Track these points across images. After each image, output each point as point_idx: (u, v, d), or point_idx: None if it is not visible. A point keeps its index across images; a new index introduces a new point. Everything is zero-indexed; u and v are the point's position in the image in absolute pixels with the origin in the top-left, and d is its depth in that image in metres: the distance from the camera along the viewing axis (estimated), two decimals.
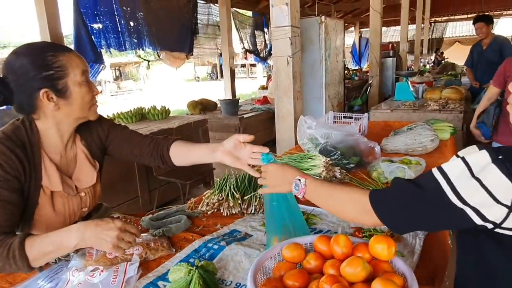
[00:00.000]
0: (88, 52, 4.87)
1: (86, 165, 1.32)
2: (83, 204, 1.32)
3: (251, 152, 1.26)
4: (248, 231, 1.44)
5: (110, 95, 19.01)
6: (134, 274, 1.13)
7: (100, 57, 5.05)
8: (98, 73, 5.04)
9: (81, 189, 1.30)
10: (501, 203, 0.72)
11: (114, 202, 3.23)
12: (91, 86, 1.22)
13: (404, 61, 9.69)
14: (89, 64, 4.85)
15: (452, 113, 3.84)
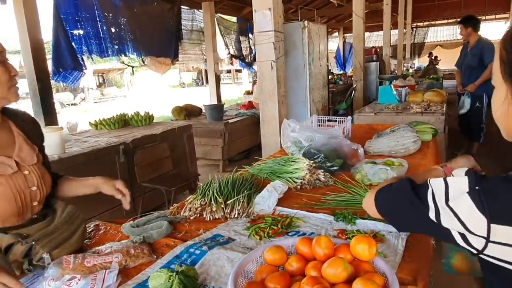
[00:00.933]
0: (67, 59, 4.79)
1: (25, 146, 1.32)
2: (30, 183, 1.27)
3: None
4: (231, 235, 1.42)
5: (94, 102, 18.76)
6: (113, 282, 1.10)
7: (79, 64, 4.96)
8: (77, 80, 4.95)
9: (24, 167, 1.28)
10: (475, 234, 0.71)
11: (97, 211, 3.17)
12: (7, 66, 1.22)
13: (387, 65, 9.85)
14: (67, 71, 4.78)
15: (434, 115, 3.90)
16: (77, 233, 1.32)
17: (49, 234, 1.24)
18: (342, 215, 1.51)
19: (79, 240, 1.33)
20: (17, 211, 1.23)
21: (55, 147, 2.86)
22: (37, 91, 4.06)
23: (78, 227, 1.34)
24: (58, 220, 1.31)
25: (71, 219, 1.34)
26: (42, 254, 1.18)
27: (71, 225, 1.32)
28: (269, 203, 1.63)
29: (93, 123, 4.28)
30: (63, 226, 1.29)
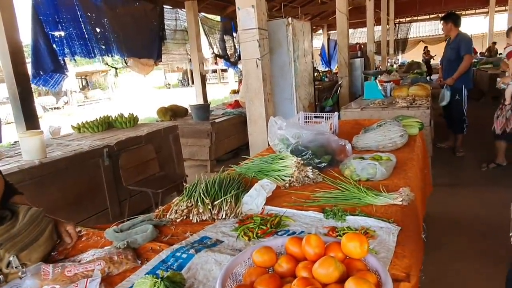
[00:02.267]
0: (47, 61, 4.67)
1: None
2: None
3: None
4: (219, 237, 1.38)
5: (77, 105, 18.44)
6: None
7: (60, 66, 4.84)
8: (59, 83, 4.83)
9: None
10: None
11: (82, 216, 3.09)
12: None
13: (371, 61, 9.92)
14: (48, 74, 4.66)
15: (419, 109, 3.92)
16: (45, 234, 1.29)
17: (13, 237, 1.19)
18: (332, 212, 1.48)
19: (48, 241, 1.30)
20: None
21: (35, 152, 2.77)
22: (17, 95, 3.94)
23: (45, 228, 1.31)
24: (22, 223, 1.26)
25: (36, 220, 1.29)
26: (9, 258, 1.14)
27: (37, 226, 1.28)
28: (257, 203, 1.59)
29: (75, 126, 4.18)
30: (27, 228, 1.25)
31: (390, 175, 1.91)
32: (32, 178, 2.69)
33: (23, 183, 2.61)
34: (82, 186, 3.11)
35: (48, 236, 1.30)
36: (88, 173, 3.17)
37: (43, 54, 4.69)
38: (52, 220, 1.37)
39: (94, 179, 3.23)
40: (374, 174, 1.86)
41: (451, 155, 5.19)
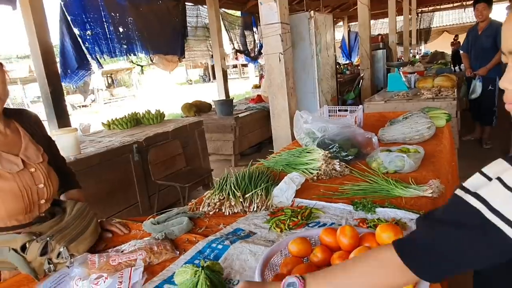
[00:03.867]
0: (72, 60, 4.82)
1: (31, 145, 1.37)
2: (37, 180, 1.31)
3: None
4: (252, 229, 1.42)
5: (104, 103, 18.89)
6: (139, 279, 1.12)
7: (84, 64, 4.99)
8: (81, 79, 4.99)
9: (31, 165, 1.32)
10: None
11: (115, 209, 3.21)
12: None
13: (394, 53, 9.74)
14: (74, 72, 4.81)
15: (445, 100, 3.85)
16: (90, 227, 1.36)
17: (62, 230, 1.28)
18: (361, 204, 1.50)
19: (94, 234, 1.37)
20: (24, 208, 1.26)
21: (70, 148, 2.89)
22: (49, 94, 4.09)
23: (90, 221, 1.38)
24: (69, 217, 1.35)
25: (82, 214, 1.38)
26: (59, 249, 1.21)
27: (83, 220, 1.36)
28: (287, 195, 1.63)
29: (105, 124, 4.32)
30: (74, 222, 1.33)
31: (418, 167, 1.90)
32: None
33: None
34: (114, 181, 3.23)
35: (93, 229, 1.38)
36: (119, 168, 3.29)
37: (68, 53, 4.85)
38: (95, 214, 1.45)
39: (124, 174, 3.34)
40: (402, 167, 1.86)
41: (477, 147, 5.07)
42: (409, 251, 0.71)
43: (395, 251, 0.71)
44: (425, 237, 0.71)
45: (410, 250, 0.71)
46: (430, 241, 0.69)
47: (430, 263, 0.69)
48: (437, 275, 0.70)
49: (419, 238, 0.72)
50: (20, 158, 1.30)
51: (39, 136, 1.45)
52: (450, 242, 0.66)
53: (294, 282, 0.76)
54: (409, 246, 0.72)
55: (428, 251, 0.69)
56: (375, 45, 8.91)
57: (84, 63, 5.02)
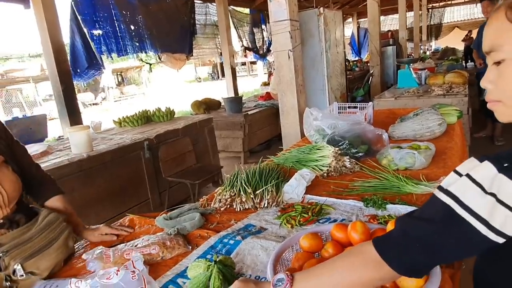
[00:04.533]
0: (82, 59, 4.88)
1: None
2: None
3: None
4: (263, 225, 1.44)
5: (114, 101, 19.06)
6: (144, 268, 1.14)
7: (94, 63, 5.04)
8: (91, 78, 5.07)
9: None
10: None
11: (126, 206, 3.25)
12: None
13: (404, 49, 9.65)
14: (83, 71, 4.87)
15: (456, 97, 3.81)
16: (58, 241, 1.26)
17: (24, 243, 1.18)
18: (371, 200, 1.51)
19: (61, 249, 1.27)
20: None
21: (83, 146, 2.93)
22: (61, 92, 4.16)
23: (59, 235, 1.28)
24: (37, 227, 1.24)
25: (51, 226, 1.27)
26: (14, 266, 1.12)
27: (51, 233, 1.26)
28: (297, 192, 1.65)
29: (117, 121, 4.37)
30: (40, 234, 1.23)
31: (429, 164, 1.90)
32: (81, 170, 2.87)
33: (73, 175, 2.80)
34: (125, 177, 3.27)
35: (61, 243, 1.27)
36: (131, 165, 3.33)
37: (80, 52, 4.90)
38: (69, 227, 1.34)
39: (136, 171, 3.38)
40: (413, 164, 1.86)
41: (489, 144, 5.01)
42: (385, 245, 0.75)
43: (373, 246, 0.76)
44: (401, 232, 0.75)
45: (385, 244, 0.76)
46: (405, 236, 0.73)
47: (403, 256, 0.73)
48: (411, 269, 0.74)
49: (395, 233, 0.76)
50: None
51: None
52: (423, 237, 0.70)
53: (283, 278, 0.81)
54: (386, 241, 0.77)
55: (402, 245, 0.73)
56: (385, 42, 8.84)
57: (94, 62, 5.08)
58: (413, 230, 0.72)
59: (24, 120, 3.62)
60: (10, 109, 14.13)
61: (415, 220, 0.73)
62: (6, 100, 15.07)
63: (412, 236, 0.72)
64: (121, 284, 1.06)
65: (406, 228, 0.74)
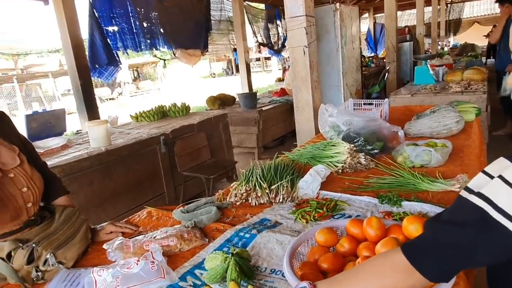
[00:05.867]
0: (102, 55, 4.96)
1: (4, 149, 1.26)
2: (19, 185, 1.24)
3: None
4: (278, 219, 1.46)
5: (130, 96, 19.29)
6: (162, 259, 1.18)
7: (114, 60, 5.12)
8: (112, 75, 5.13)
9: (8, 170, 1.24)
10: None
11: (142, 199, 3.31)
12: None
13: (421, 45, 9.50)
14: (102, 67, 4.95)
15: (475, 94, 3.76)
16: (80, 233, 1.32)
17: (49, 236, 1.23)
18: (386, 197, 1.51)
19: (83, 240, 1.33)
20: (11, 216, 1.20)
21: (101, 140, 3.00)
22: (79, 87, 4.25)
23: (79, 227, 1.34)
24: (57, 223, 1.30)
25: (70, 220, 1.33)
26: (46, 256, 1.17)
27: (71, 226, 1.32)
28: (312, 187, 1.66)
29: (133, 116, 4.44)
30: (63, 227, 1.29)
31: (445, 162, 1.88)
32: (100, 164, 2.93)
33: (92, 168, 2.86)
34: (142, 171, 3.33)
35: (83, 235, 1.34)
36: (147, 159, 3.38)
37: (98, 49, 4.98)
38: (86, 221, 1.40)
39: (152, 165, 3.44)
40: (429, 161, 1.85)
41: (508, 142, 4.92)
42: (416, 252, 0.72)
43: (402, 252, 0.73)
44: (430, 238, 0.72)
45: (416, 251, 0.73)
46: (435, 242, 0.70)
47: (435, 263, 0.70)
48: (443, 275, 0.71)
49: (425, 239, 0.74)
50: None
51: (12, 136, 1.36)
52: (454, 242, 0.67)
53: (305, 286, 0.78)
54: (416, 247, 0.74)
55: (434, 252, 0.70)
56: (401, 37, 8.72)
57: (112, 58, 5.16)
58: (445, 236, 0.69)
59: (43, 114, 3.69)
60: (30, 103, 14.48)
61: (446, 224, 0.71)
62: (26, 94, 15.42)
63: (444, 242, 0.69)
64: (141, 274, 1.09)
65: (436, 234, 0.71)
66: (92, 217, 2.83)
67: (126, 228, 1.49)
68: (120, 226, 1.49)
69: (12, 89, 14.77)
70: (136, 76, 23.38)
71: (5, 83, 15.12)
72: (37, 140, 3.20)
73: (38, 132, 3.45)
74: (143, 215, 1.64)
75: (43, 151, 2.94)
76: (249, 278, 1.06)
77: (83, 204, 2.80)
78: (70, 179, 2.69)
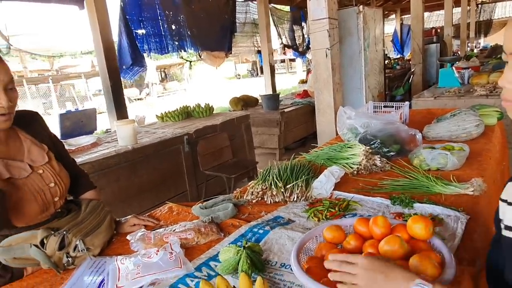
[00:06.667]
0: (126, 57, 5.16)
1: (34, 147, 1.38)
2: (47, 180, 1.34)
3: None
4: (291, 217, 1.52)
5: (157, 96, 19.78)
6: (180, 250, 1.26)
7: (139, 60, 5.31)
8: (136, 74, 5.33)
9: (38, 167, 1.35)
10: None
11: (166, 196, 3.43)
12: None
13: (449, 47, 9.30)
14: (128, 68, 5.15)
15: (500, 97, 3.67)
16: (105, 223, 1.42)
17: (78, 224, 1.33)
18: (399, 199, 1.54)
19: (108, 229, 1.44)
20: (40, 209, 1.31)
21: (128, 139, 3.15)
22: (109, 87, 4.45)
23: (104, 218, 1.44)
24: (84, 213, 1.40)
25: (96, 211, 1.43)
26: (75, 242, 1.27)
27: (97, 216, 1.41)
28: (326, 187, 1.71)
29: (159, 116, 4.60)
30: (89, 217, 1.39)
31: (462, 165, 1.88)
32: (127, 161, 3.09)
33: (119, 165, 3.02)
34: (166, 170, 3.46)
35: (108, 225, 1.44)
36: (171, 158, 3.52)
37: (124, 51, 5.20)
38: (110, 212, 1.50)
39: (175, 164, 3.57)
40: (445, 164, 1.86)
41: None
42: None
43: None
44: None
45: None
46: None
47: None
48: None
49: None
50: (26, 163, 1.33)
51: (42, 135, 1.45)
52: None
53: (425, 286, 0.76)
54: None
55: None
56: (428, 39, 8.57)
57: (137, 60, 5.37)
58: None
59: (76, 113, 3.90)
60: (64, 103, 15.13)
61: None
62: (60, 94, 16.10)
63: None
64: (160, 263, 1.18)
65: None
66: (119, 211, 2.97)
67: (149, 222, 1.59)
68: (143, 219, 1.59)
69: (47, 89, 15.45)
70: (164, 77, 23.91)
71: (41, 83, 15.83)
72: (69, 138, 3.40)
73: (71, 130, 3.66)
74: (164, 210, 1.74)
75: (75, 148, 3.11)
76: (260, 271, 1.13)
77: (110, 199, 2.95)
78: (98, 175, 2.84)
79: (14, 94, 1.26)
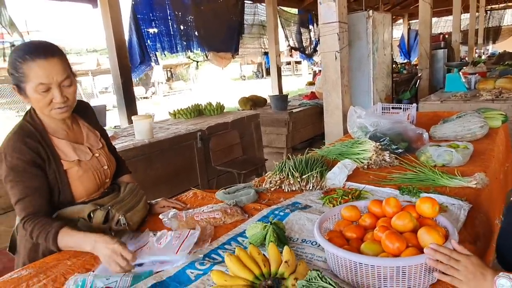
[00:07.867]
0: (135, 55, 5.32)
1: (91, 134, 1.56)
2: (102, 163, 1.52)
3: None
4: (308, 203, 1.66)
5: (163, 95, 19.96)
6: (192, 242, 1.28)
7: (146, 59, 5.46)
8: (142, 72, 5.54)
9: (95, 151, 1.52)
10: None
11: (179, 189, 3.55)
12: (48, 96, 1.32)
13: (456, 52, 9.41)
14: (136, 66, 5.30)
15: (506, 102, 3.78)
16: (142, 202, 1.57)
17: (119, 202, 1.48)
18: (407, 189, 1.67)
19: (144, 208, 1.59)
20: (97, 187, 1.49)
21: (145, 133, 3.29)
22: (121, 85, 4.60)
23: (141, 198, 1.59)
24: (124, 193, 1.56)
25: (133, 192, 1.58)
26: (118, 217, 1.41)
27: (135, 196, 1.57)
28: (340, 178, 1.84)
29: (172, 113, 4.75)
30: (128, 197, 1.54)
31: (466, 162, 2.00)
32: (143, 155, 3.23)
33: (136, 157, 3.16)
34: (179, 164, 3.60)
35: (143, 205, 1.59)
36: (184, 153, 3.66)
37: (134, 49, 5.35)
38: (144, 193, 1.65)
39: (188, 158, 3.71)
40: (450, 161, 1.98)
41: None
42: None
43: None
44: None
45: None
46: None
47: None
48: None
49: None
50: (86, 146, 1.50)
51: (94, 123, 1.62)
52: None
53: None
54: None
55: None
56: (435, 45, 8.69)
57: (145, 59, 5.52)
58: None
59: None
60: None
61: None
62: None
63: None
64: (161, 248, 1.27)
65: None
66: None
67: (177, 204, 1.73)
68: (172, 202, 1.73)
69: None
70: (170, 77, 24.11)
71: None
72: None
73: None
74: (189, 195, 1.88)
75: None
76: (284, 244, 1.26)
77: None
78: None
79: (70, 89, 1.37)
